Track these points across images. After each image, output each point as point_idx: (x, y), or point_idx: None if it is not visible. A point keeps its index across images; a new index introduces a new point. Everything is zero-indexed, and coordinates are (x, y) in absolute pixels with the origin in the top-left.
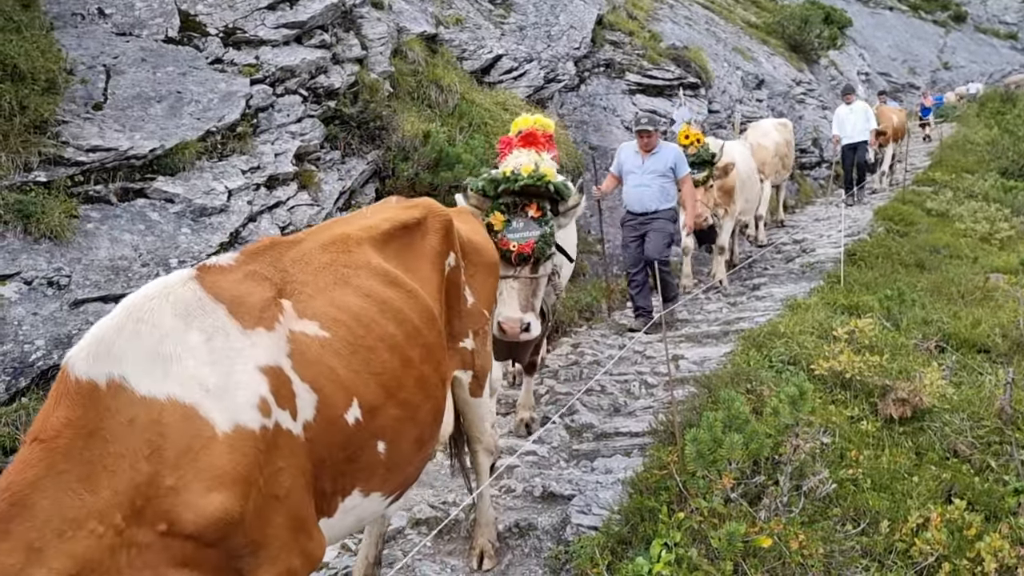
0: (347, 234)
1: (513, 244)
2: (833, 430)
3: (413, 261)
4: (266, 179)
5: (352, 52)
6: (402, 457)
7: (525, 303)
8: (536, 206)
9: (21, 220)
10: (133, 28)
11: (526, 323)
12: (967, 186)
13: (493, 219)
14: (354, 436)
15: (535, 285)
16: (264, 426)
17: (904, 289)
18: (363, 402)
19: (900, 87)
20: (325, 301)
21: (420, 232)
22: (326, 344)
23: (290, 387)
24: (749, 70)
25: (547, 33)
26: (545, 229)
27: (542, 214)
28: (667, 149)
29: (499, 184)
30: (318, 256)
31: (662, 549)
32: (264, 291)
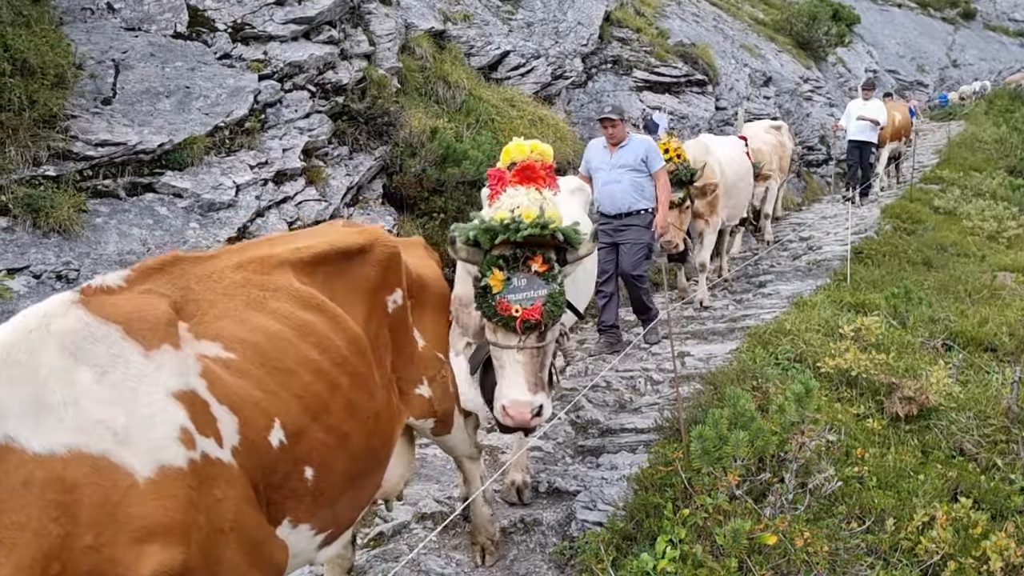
0: (268, 254)
1: (516, 308)
2: (839, 428)
3: (345, 290)
4: (274, 174)
5: (360, 48)
6: (332, 488)
7: (534, 380)
8: (541, 259)
9: (30, 214)
10: (142, 23)
11: (537, 407)
12: (975, 184)
13: (491, 279)
14: (280, 460)
15: (543, 355)
16: (191, 460)
17: (911, 287)
18: (286, 423)
19: (908, 84)
20: (231, 323)
21: (360, 261)
22: (233, 365)
23: (209, 411)
24: (757, 67)
25: (555, 29)
26: (554, 287)
27: (549, 268)
28: (637, 141)
29: (496, 234)
30: (229, 275)
31: (667, 546)
32: (165, 310)
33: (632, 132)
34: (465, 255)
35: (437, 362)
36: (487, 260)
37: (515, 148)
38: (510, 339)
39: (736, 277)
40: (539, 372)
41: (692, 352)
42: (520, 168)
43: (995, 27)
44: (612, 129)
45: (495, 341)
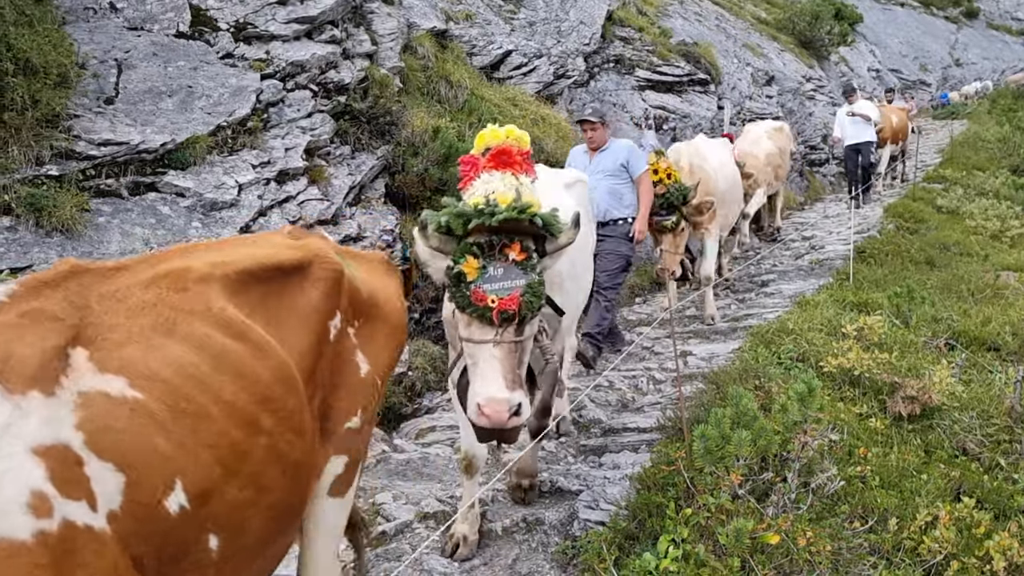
0: (188, 268)
1: (492, 298)
2: (842, 427)
3: (280, 313)
4: (276, 174)
5: (362, 47)
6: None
7: (511, 377)
8: (519, 246)
9: (33, 213)
10: (144, 23)
11: (515, 405)
12: (978, 183)
13: (465, 266)
14: (179, 527)
15: (520, 351)
16: (41, 531)
17: (914, 286)
18: (191, 482)
19: (911, 84)
20: (139, 350)
21: (299, 280)
22: (138, 407)
23: (81, 470)
24: (759, 66)
25: (557, 29)
26: (532, 276)
27: (527, 256)
28: (618, 145)
29: (470, 219)
30: (139, 293)
31: (669, 545)
32: (48, 337)
33: (612, 137)
34: (437, 243)
35: (375, 390)
36: (461, 247)
37: (490, 134)
38: (486, 332)
39: (738, 277)
40: (516, 369)
41: (694, 351)
42: (495, 152)
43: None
44: (592, 132)
45: (469, 336)
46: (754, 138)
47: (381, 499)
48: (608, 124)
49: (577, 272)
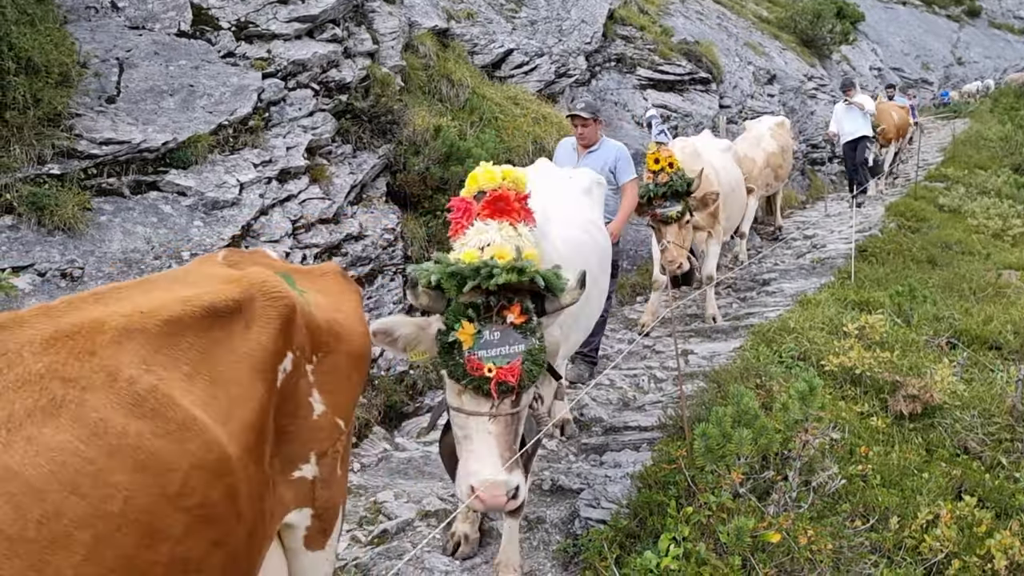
0: (100, 323)
1: (489, 367)
2: (843, 426)
3: (218, 368)
4: (278, 173)
5: (363, 46)
6: None
7: (507, 455)
8: (519, 308)
9: (35, 212)
10: (146, 22)
11: (513, 488)
12: (980, 182)
13: (460, 333)
14: None
15: (517, 423)
16: None
17: (915, 285)
18: None
19: (913, 82)
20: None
21: (239, 322)
22: None
23: None
24: (761, 65)
25: (558, 27)
26: (532, 341)
27: (527, 319)
28: (610, 147)
29: (465, 280)
30: (29, 360)
31: (670, 543)
32: None
33: (605, 136)
34: (427, 301)
35: (335, 432)
36: (454, 309)
37: (483, 175)
38: (480, 404)
39: (740, 276)
40: (513, 444)
41: (696, 350)
42: (491, 199)
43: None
44: (583, 129)
45: (460, 406)
46: (755, 137)
47: (383, 497)
48: (601, 121)
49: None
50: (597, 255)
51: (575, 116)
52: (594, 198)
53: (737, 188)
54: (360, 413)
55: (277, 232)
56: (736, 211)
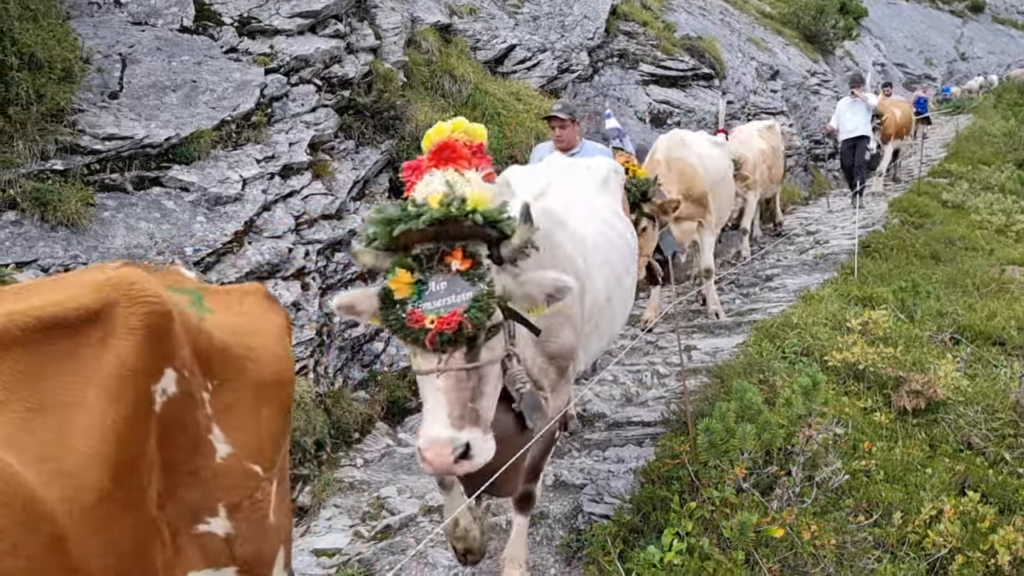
0: None
1: (431, 318)
2: (846, 421)
3: (58, 390)
4: (280, 168)
5: (366, 42)
6: None
7: (459, 412)
8: (462, 252)
9: (38, 208)
10: (148, 17)
11: (461, 445)
12: (983, 178)
13: (394, 282)
14: None
15: (476, 380)
16: None
17: (919, 281)
18: None
19: (916, 78)
20: None
21: (95, 333)
22: None
23: None
24: (764, 61)
25: (561, 23)
26: (481, 287)
27: (473, 264)
28: (590, 150)
29: (394, 224)
30: None
31: (674, 538)
32: None
33: (585, 139)
34: (371, 260)
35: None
36: (394, 261)
37: (435, 132)
38: (429, 361)
39: (742, 271)
40: (469, 403)
41: (699, 346)
42: (437, 148)
43: (1004, 20)
44: (560, 131)
45: (416, 368)
46: (744, 138)
47: (385, 493)
48: (579, 122)
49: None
50: (620, 252)
51: (551, 118)
52: (612, 189)
53: (725, 181)
54: (363, 409)
55: (280, 228)
56: (726, 202)
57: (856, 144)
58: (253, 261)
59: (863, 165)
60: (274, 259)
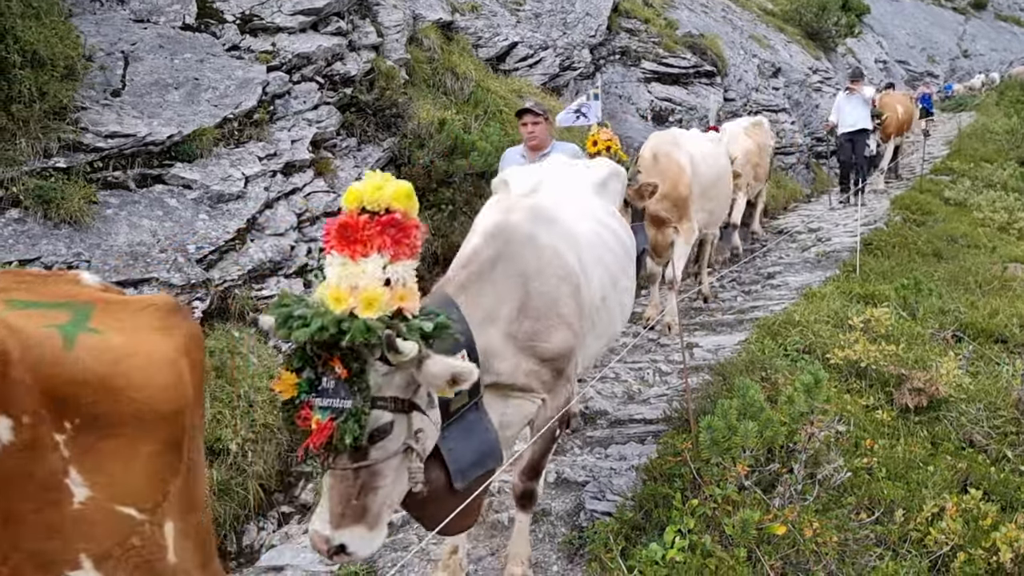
0: None
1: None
2: (848, 419)
3: None
4: (283, 166)
5: (368, 39)
6: None
7: (341, 510)
8: (340, 362)
9: (41, 205)
10: (151, 15)
11: (335, 545)
12: (986, 175)
13: (279, 383)
14: None
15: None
16: None
17: (921, 278)
18: None
19: (919, 75)
20: None
21: None
22: None
23: None
24: (766, 58)
25: (563, 20)
26: (357, 401)
27: (351, 374)
28: (562, 150)
29: (279, 329)
30: None
31: (676, 535)
32: None
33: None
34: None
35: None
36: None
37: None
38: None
39: (745, 269)
40: (355, 499)
41: (701, 343)
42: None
43: (1006, 17)
44: (534, 127)
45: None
46: (731, 136)
47: None
48: (551, 121)
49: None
50: (615, 253)
51: (526, 112)
52: (612, 191)
53: (722, 180)
54: None
55: (282, 225)
56: (721, 204)
57: (855, 138)
58: (255, 259)
59: (863, 162)
60: (276, 256)
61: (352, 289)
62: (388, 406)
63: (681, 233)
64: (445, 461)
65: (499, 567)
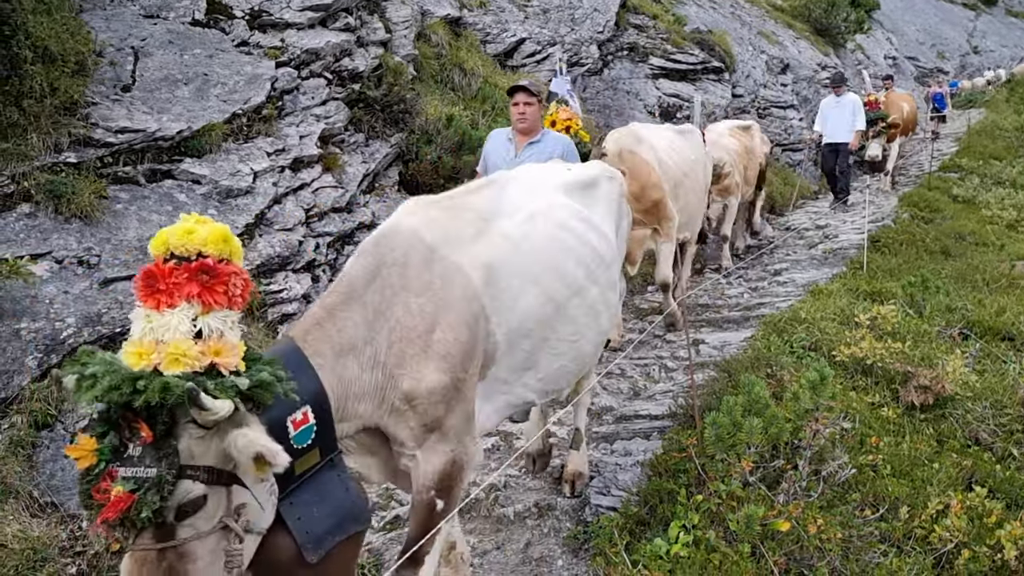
0: None
1: (118, 489)
2: (853, 416)
3: None
4: (291, 161)
5: (376, 35)
6: None
7: None
8: (145, 426)
9: (52, 200)
10: (160, 11)
11: None
12: (995, 173)
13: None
14: None
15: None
16: None
17: (928, 276)
18: None
19: (928, 72)
20: None
21: None
22: None
23: None
24: (774, 54)
25: (571, 16)
26: (161, 470)
27: (155, 440)
28: (554, 140)
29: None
30: None
31: (680, 531)
32: None
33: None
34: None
35: None
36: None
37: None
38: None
39: (751, 266)
40: None
41: (707, 340)
42: (142, 275)
43: (1017, 13)
44: (527, 108)
45: None
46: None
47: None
48: (544, 104)
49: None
50: (579, 258)
51: (519, 89)
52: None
53: (698, 174)
54: None
55: (290, 220)
56: (695, 203)
57: (839, 148)
58: (264, 254)
59: (847, 170)
60: (284, 252)
61: (157, 344)
62: (201, 476)
63: (661, 233)
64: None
65: (504, 561)
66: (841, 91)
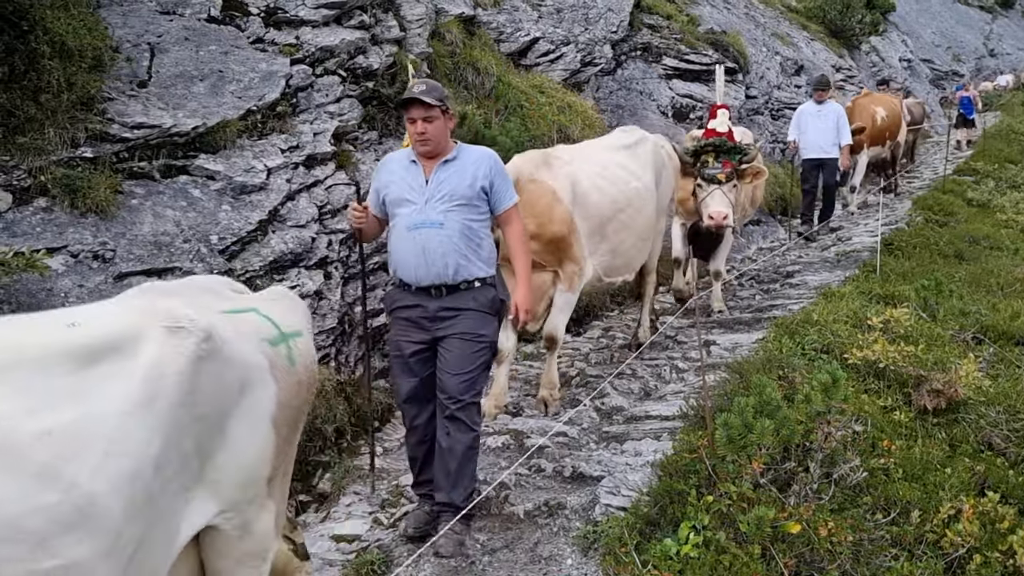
0: None
1: None
2: (865, 419)
3: None
4: (305, 158)
5: (391, 33)
6: None
7: None
8: None
9: (68, 195)
10: (176, 7)
11: None
12: (1010, 176)
13: None
14: None
15: None
16: None
17: (942, 279)
18: None
19: (944, 74)
20: None
21: None
22: None
23: None
24: (788, 55)
25: (584, 16)
26: None
27: None
28: (474, 156)
29: None
30: None
31: (690, 531)
32: None
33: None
34: None
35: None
36: None
37: None
38: None
39: (763, 268)
40: None
41: (718, 341)
42: None
43: None
44: (425, 125)
45: None
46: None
47: (404, 481)
48: (453, 115)
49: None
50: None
51: (411, 102)
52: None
53: (636, 206)
54: (384, 398)
55: (303, 217)
56: (633, 241)
57: (823, 164)
58: (277, 250)
59: (833, 186)
60: (297, 248)
61: None
62: None
63: (561, 277)
64: None
65: (513, 559)
66: (823, 97)
